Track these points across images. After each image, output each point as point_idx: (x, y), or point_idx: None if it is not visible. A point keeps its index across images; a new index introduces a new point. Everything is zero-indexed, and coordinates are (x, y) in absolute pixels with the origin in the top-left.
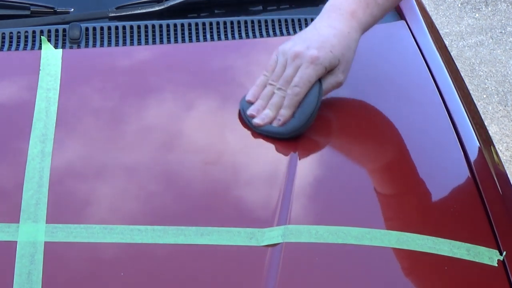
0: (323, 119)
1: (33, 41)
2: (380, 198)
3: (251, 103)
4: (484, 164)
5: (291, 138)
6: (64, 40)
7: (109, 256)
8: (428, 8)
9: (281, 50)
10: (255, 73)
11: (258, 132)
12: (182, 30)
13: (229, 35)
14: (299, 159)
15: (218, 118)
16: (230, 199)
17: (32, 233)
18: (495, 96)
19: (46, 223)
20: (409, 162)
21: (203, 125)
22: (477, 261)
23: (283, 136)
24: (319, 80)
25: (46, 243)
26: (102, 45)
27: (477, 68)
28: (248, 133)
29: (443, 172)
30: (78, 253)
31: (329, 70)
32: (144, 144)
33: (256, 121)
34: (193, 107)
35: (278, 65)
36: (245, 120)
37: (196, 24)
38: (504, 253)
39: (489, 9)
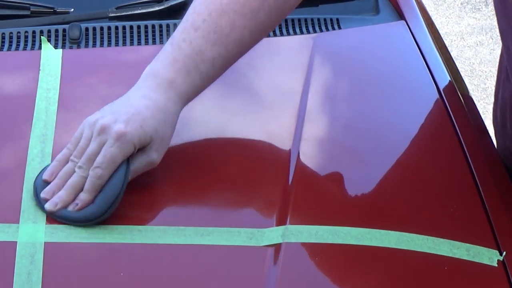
0: (322, 119)
1: (33, 41)
2: (380, 198)
3: (47, 182)
4: (485, 164)
5: (285, 140)
6: (64, 40)
7: (109, 256)
8: (428, 8)
9: (87, 121)
10: (254, 73)
11: (53, 217)
12: None
13: None
14: (299, 158)
15: (218, 118)
16: (230, 199)
17: (32, 233)
18: None
19: (46, 223)
20: (409, 162)
21: (203, 126)
22: (477, 261)
23: (77, 224)
24: (128, 159)
25: (46, 243)
26: (102, 45)
27: (477, 68)
28: (248, 133)
29: (443, 173)
30: (78, 253)
31: (140, 148)
32: None
33: (48, 207)
34: (192, 107)
35: (82, 138)
36: (37, 201)
37: None
38: (504, 253)
39: (489, 9)
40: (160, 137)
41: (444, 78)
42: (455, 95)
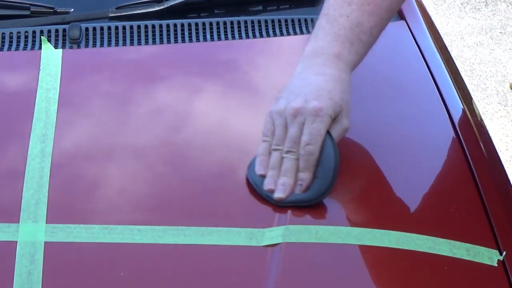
0: None
1: (33, 41)
2: (380, 198)
3: (263, 176)
4: (485, 164)
5: None
6: (64, 40)
7: (109, 256)
8: (428, 8)
9: (274, 111)
10: (254, 73)
11: (282, 205)
12: (182, 30)
13: (229, 35)
14: None
15: (218, 119)
16: (230, 199)
17: (32, 233)
18: (495, 96)
19: (46, 223)
20: (409, 163)
21: (204, 128)
22: (477, 261)
23: (312, 202)
24: (328, 131)
25: (46, 243)
26: (102, 45)
27: (477, 68)
28: (248, 133)
29: (443, 173)
30: (78, 253)
31: (334, 119)
32: (144, 145)
33: (278, 195)
34: (193, 108)
35: (277, 127)
36: (263, 196)
37: (196, 24)
38: (504, 253)
39: (489, 9)
40: (345, 105)
41: (444, 78)
42: (455, 95)
